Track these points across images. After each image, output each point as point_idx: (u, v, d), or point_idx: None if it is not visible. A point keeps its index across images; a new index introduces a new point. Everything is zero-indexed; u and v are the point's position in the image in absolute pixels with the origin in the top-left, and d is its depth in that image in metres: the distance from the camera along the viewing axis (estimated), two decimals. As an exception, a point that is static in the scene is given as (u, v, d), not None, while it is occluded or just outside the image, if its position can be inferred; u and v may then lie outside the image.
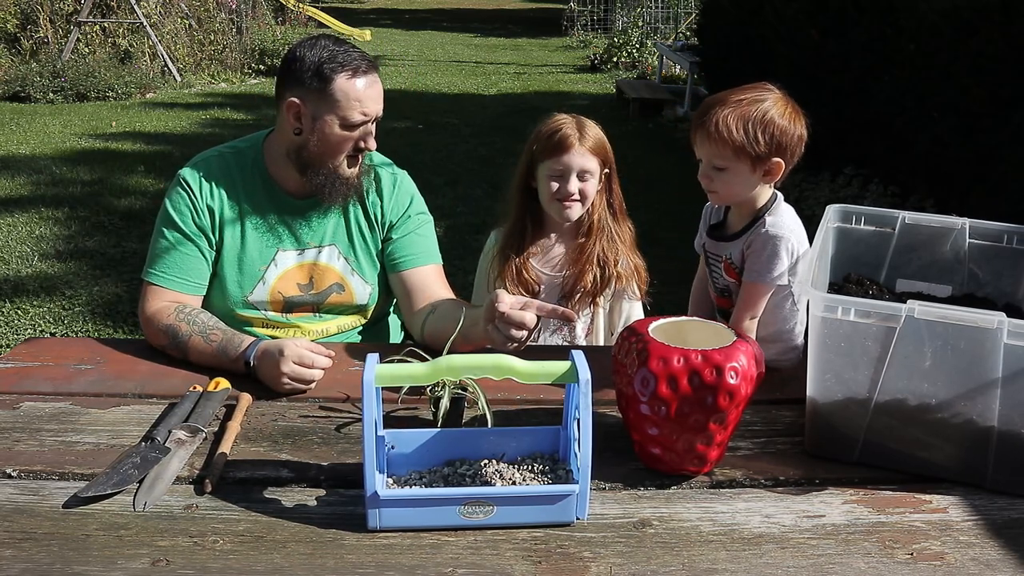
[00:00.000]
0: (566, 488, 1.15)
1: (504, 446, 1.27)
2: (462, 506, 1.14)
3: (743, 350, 1.21)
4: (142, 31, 9.67)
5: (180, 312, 1.66)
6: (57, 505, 1.18)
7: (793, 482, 1.28)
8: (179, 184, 1.77)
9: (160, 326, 1.66)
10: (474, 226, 4.68)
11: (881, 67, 4.82)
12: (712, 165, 1.54)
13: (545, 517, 1.16)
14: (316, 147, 1.70)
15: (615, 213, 1.92)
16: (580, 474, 1.15)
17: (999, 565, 1.10)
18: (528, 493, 1.17)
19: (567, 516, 1.16)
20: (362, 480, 1.12)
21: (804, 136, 1.53)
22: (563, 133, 1.81)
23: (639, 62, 11.72)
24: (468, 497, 1.14)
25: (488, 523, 1.15)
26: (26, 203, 5.36)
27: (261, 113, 8.38)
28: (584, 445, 1.13)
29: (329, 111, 1.66)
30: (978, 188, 4.11)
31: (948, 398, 1.23)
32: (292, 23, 11.93)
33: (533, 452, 1.27)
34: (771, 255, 1.54)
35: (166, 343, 1.65)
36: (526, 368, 1.16)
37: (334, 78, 1.64)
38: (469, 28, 17.45)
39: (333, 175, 1.73)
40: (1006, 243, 1.54)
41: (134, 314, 3.83)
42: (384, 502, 1.13)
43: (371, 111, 1.68)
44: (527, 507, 1.15)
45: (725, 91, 1.55)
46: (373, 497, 1.12)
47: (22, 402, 1.46)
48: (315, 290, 1.81)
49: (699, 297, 1.79)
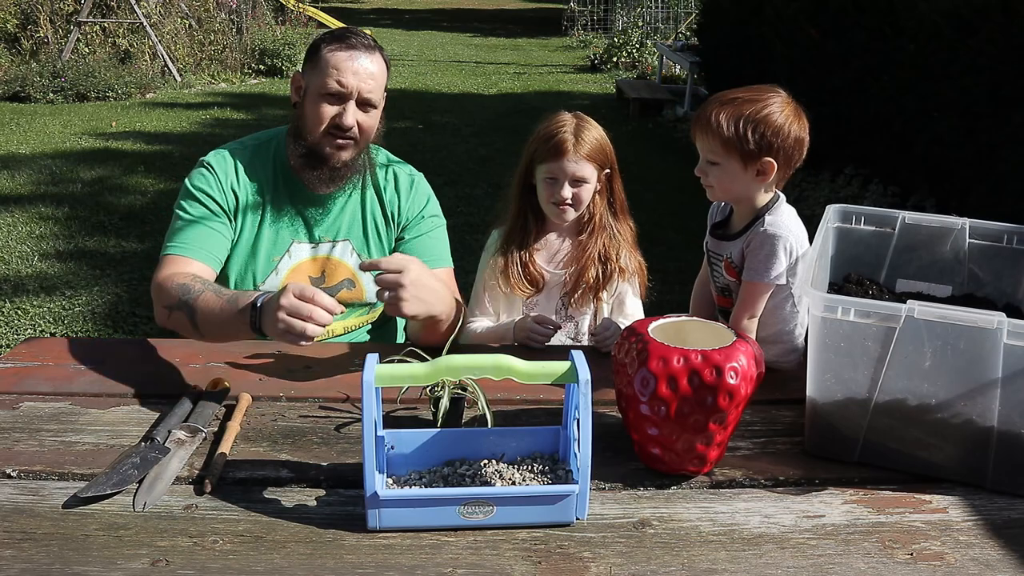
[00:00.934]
0: (566, 488, 1.16)
1: (504, 446, 1.27)
2: (462, 506, 1.14)
3: (743, 350, 1.21)
4: (142, 31, 9.67)
5: (195, 277, 1.64)
6: (57, 505, 1.18)
7: (793, 482, 1.28)
8: (203, 166, 1.79)
9: (172, 284, 1.62)
10: (474, 226, 4.67)
11: (881, 67, 4.82)
12: (706, 159, 1.56)
13: (545, 517, 1.16)
14: (303, 119, 1.75)
15: (616, 212, 1.92)
16: (580, 474, 1.15)
17: (999, 565, 1.10)
18: (528, 493, 1.17)
19: (567, 516, 1.16)
20: (362, 480, 1.12)
21: (804, 140, 1.54)
22: (559, 138, 1.80)
23: (639, 62, 11.73)
24: (468, 497, 1.14)
25: (488, 523, 1.15)
26: (26, 203, 5.36)
27: (261, 113, 8.39)
28: (584, 445, 1.13)
29: (314, 79, 1.72)
30: (978, 188, 4.11)
31: (948, 398, 1.23)
32: (292, 23, 11.91)
33: (533, 452, 1.27)
34: (769, 254, 1.54)
35: (175, 302, 1.60)
36: (526, 368, 1.16)
37: (322, 47, 1.72)
38: (469, 28, 17.45)
39: (314, 152, 1.74)
40: (1006, 243, 1.54)
41: (135, 314, 3.84)
42: (384, 502, 1.13)
43: (348, 83, 1.70)
44: (527, 507, 1.15)
45: (734, 89, 1.56)
46: (373, 497, 1.12)
47: (22, 402, 1.46)
48: (326, 284, 1.81)
49: (700, 296, 1.79)
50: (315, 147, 1.74)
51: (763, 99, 1.51)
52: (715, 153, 1.53)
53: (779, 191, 1.61)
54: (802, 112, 1.55)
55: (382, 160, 1.90)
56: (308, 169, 1.75)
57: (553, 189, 1.82)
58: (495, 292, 1.90)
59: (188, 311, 1.58)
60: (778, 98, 1.53)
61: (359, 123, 1.74)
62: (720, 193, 1.59)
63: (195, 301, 1.57)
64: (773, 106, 1.51)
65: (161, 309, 1.65)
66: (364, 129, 1.76)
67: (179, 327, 1.62)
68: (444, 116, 8.38)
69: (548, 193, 1.83)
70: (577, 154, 1.80)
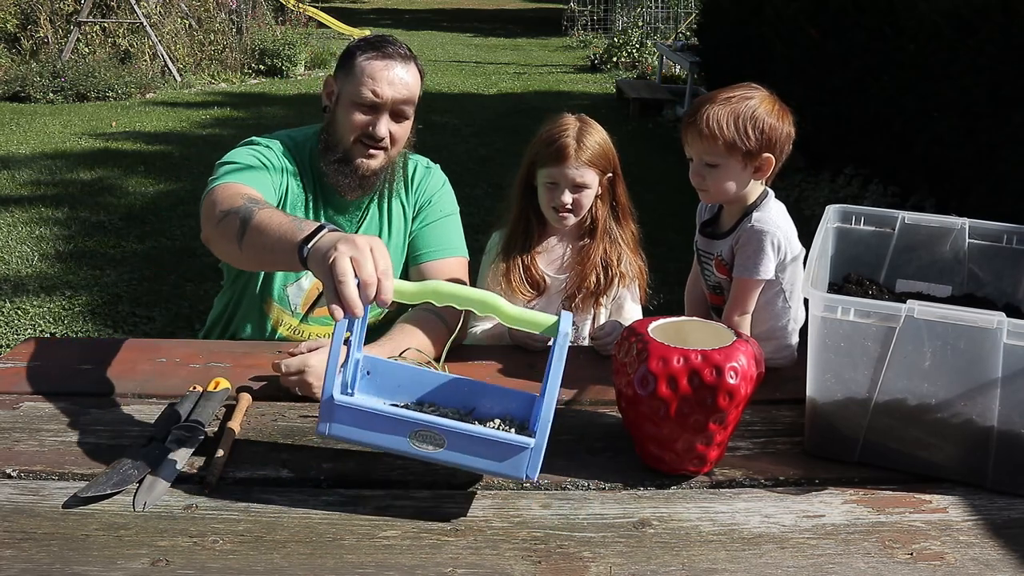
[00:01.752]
0: (519, 439, 1.13)
1: (476, 401, 1.26)
2: (413, 433, 1.12)
3: (743, 350, 1.21)
4: (142, 31, 9.67)
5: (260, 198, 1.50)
6: (57, 505, 1.18)
7: (793, 482, 1.28)
8: (253, 141, 1.74)
9: (235, 193, 1.49)
10: (474, 226, 4.65)
11: (881, 67, 4.82)
12: (703, 163, 1.55)
13: (495, 468, 1.14)
14: (334, 125, 1.72)
15: (618, 216, 1.92)
16: (538, 428, 1.12)
17: (999, 565, 1.10)
18: (480, 435, 1.14)
19: (517, 471, 1.13)
20: (371, 473, 1.10)
21: (792, 134, 1.56)
22: (560, 143, 1.79)
23: (639, 62, 11.73)
24: (420, 424, 1.13)
25: (436, 457, 1.14)
26: (26, 203, 5.36)
27: (261, 113, 8.39)
28: (548, 400, 1.11)
29: (347, 87, 1.70)
30: (978, 188, 4.11)
31: (948, 398, 1.23)
32: (292, 23, 11.91)
33: (504, 414, 1.26)
34: (756, 249, 1.55)
35: (236, 206, 1.44)
36: (512, 311, 1.16)
37: (357, 55, 1.70)
38: (469, 28, 17.45)
39: (345, 160, 1.72)
40: (1006, 243, 1.54)
41: (135, 314, 3.85)
42: (338, 410, 1.12)
43: (383, 93, 1.67)
44: (478, 454, 1.13)
45: (713, 91, 1.58)
46: (328, 402, 1.11)
47: (22, 402, 1.46)
48: None
49: (693, 296, 1.79)
50: (345, 154, 1.73)
51: (750, 96, 1.53)
52: (714, 155, 1.53)
53: (768, 187, 1.62)
54: (784, 105, 1.57)
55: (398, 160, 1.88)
56: (337, 175, 1.74)
57: (554, 194, 1.81)
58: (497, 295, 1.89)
59: (244, 216, 1.42)
60: (760, 94, 1.55)
61: (391, 133, 1.72)
62: (716, 195, 1.59)
63: (258, 210, 1.42)
64: (763, 102, 1.53)
65: (212, 216, 1.49)
66: (396, 139, 1.74)
67: (221, 237, 1.47)
68: (444, 116, 8.38)
69: (549, 197, 1.83)
70: (579, 160, 1.78)
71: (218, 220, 1.47)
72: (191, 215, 5.17)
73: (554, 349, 1.12)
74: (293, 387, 1.46)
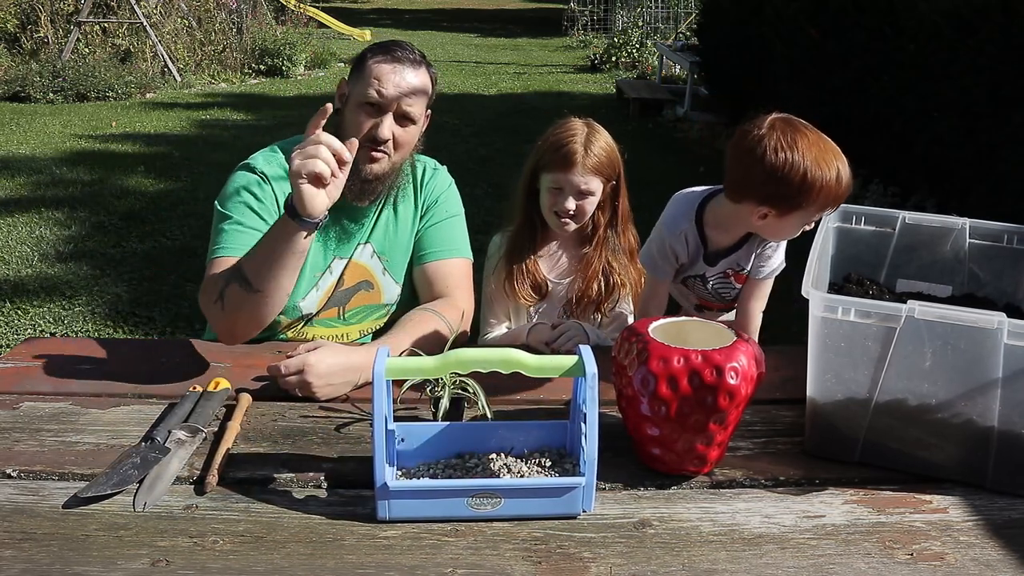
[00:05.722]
0: (572, 481, 1.16)
1: (512, 440, 1.28)
2: (470, 498, 1.15)
3: (743, 350, 1.21)
4: (142, 31, 9.67)
5: None
6: (57, 505, 1.18)
7: (793, 482, 1.28)
8: (249, 169, 1.73)
9: (218, 274, 1.57)
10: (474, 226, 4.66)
11: (881, 67, 4.82)
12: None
13: (552, 509, 1.17)
14: (341, 127, 1.71)
15: (618, 224, 1.91)
16: (587, 467, 1.16)
17: (999, 565, 1.10)
18: (535, 485, 1.18)
19: (574, 508, 1.17)
20: (364, 478, 1.12)
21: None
22: (568, 149, 1.77)
23: (639, 62, 11.72)
24: (476, 489, 1.15)
25: (496, 515, 1.16)
26: (26, 203, 5.36)
27: (261, 113, 8.38)
28: (591, 438, 1.14)
29: (356, 88, 1.69)
30: (978, 188, 4.11)
31: (948, 398, 1.22)
32: (292, 23, 11.90)
33: (540, 446, 1.28)
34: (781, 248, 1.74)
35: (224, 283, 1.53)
36: (534, 362, 1.17)
37: (368, 57, 1.70)
38: (469, 28, 17.45)
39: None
40: (1006, 243, 1.54)
41: (135, 314, 3.84)
42: (393, 493, 1.13)
43: (387, 94, 1.66)
44: (534, 499, 1.16)
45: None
46: (383, 488, 1.13)
47: (22, 402, 1.46)
48: (344, 286, 1.80)
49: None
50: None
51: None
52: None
53: None
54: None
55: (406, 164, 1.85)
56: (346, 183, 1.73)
57: (557, 199, 1.81)
58: (501, 299, 1.89)
59: (238, 276, 1.51)
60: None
61: (395, 136, 1.70)
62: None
63: (241, 264, 1.51)
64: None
65: (212, 305, 1.56)
66: (400, 144, 1.72)
67: (235, 306, 1.53)
68: (444, 116, 8.38)
69: (551, 202, 1.82)
70: (585, 167, 1.77)
71: (221, 305, 1.54)
72: (191, 215, 5.17)
73: (587, 389, 1.14)
74: (293, 388, 1.46)
